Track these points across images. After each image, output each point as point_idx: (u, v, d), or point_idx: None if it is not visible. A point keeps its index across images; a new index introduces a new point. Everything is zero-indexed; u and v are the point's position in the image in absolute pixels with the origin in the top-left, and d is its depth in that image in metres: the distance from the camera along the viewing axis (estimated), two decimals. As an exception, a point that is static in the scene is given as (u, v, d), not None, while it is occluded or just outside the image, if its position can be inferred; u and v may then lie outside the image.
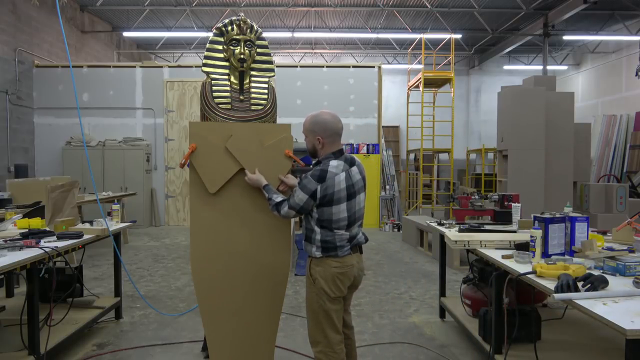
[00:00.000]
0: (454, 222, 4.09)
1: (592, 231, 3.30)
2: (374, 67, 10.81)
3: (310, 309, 2.58)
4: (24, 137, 10.09)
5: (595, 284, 2.20)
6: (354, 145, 10.42)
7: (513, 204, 4.04)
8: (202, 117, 3.45)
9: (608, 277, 2.47)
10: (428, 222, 4.90)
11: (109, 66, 10.92)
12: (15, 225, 3.80)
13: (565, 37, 14.38)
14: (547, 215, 2.98)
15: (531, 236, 2.84)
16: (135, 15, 13.37)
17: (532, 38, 14.20)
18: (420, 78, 11.96)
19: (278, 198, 2.59)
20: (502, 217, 4.12)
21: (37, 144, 10.48)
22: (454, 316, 3.96)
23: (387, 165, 11.37)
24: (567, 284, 2.14)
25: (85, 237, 3.63)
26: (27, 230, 3.56)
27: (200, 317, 2.80)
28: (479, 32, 14.38)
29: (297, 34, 14.53)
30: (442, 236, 3.87)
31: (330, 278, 2.50)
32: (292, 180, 2.78)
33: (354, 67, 10.98)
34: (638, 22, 13.13)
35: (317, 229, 2.51)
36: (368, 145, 10.44)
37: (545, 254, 2.86)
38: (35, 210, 4.47)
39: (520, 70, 17.01)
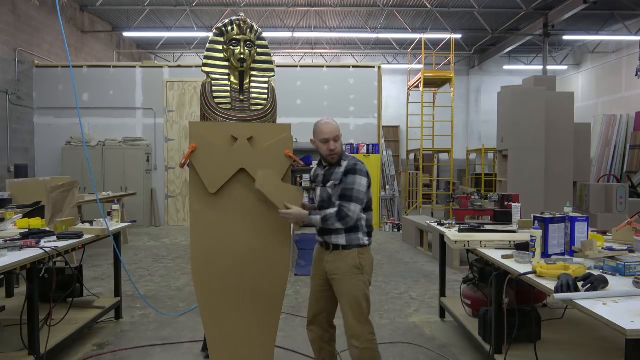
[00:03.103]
0: (454, 222, 4.09)
1: (592, 231, 3.30)
2: (374, 67, 10.81)
3: (355, 301, 2.59)
4: (24, 137, 10.09)
5: (596, 284, 2.20)
6: (354, 145, 10.41)
7: (513, 204, 4.04)
8: (202, 117, 3.45)
9: (608, 277, 2.47)
10: (428, 222, 4.90)
11: (109, 66, 10.92)
12: (15, 225, 3.80)
13: (565, 37, 14.39)
14: (547, 215, 2.98)
15: (531, 236, 2.84)
16: (135, 15, 13.37)
17: (532, 38, 14.20)
18: (420, 78, 11.96)
19: (330, 210, 2.59)
20: (502, 217, 4.12)
21: (37, 144, 10.49)
22: (454, 316, 3.96)
23: (387, 165, 11.37)
24: (567, 284, 2.14)
25: (85, 237, 3.63)
26: (27, 230, 3.56)
27: (200, 317, 2.80)
28: (479, 32, 14.39)
29: (297, 34, 14.54)
30: (442, 236, 3.87)
31: (372, 265, 2.71)
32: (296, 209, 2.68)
33: (354, 67, 10.98)
34: (638, 22, 13.13)
35: (362, 215, 2.64)
36: (368, 145, 10.44)
37: (545, 254, 2.85)
38: (35, 210, 4.47)
39: (520, 70, 17.02)
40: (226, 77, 3.45)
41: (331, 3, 12.65)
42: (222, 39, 3.47)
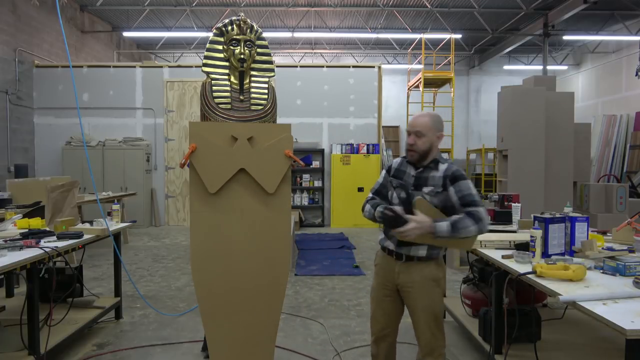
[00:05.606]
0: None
1: (592, 231, 3.30)
2: (374, 67, 10.81)
3: (433, 316, 2.43)
4: (24, 137, 10.09)
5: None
6: (354, 145, 10.41)
7: (513, 204, 4.04)
8: (202, 117, 3.45)
9: (608, 277, 2.47)
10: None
11: (109, 66, 10.92)
12: (15, 225, 3.80)
13: (565, 37, 14.39)
14: (547, 215, 2.98)
15: (531, 236, 2.84)
16: (135, 15, 13.37)
17: (532, 38, 14.20)
18: (420, 78, 11.97)
19: (459, 215, 2.31)
20: (502, 217, 4.12)
21: (37, 144, 10.48)
22: (454, 316, 3.96)
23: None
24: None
25: (85, 237, 3.63)
26: (27, 230, 3.56)
27: (200, 317, 2.80)
28: (479, 32, 14.39)
29: (297, 34, 14.54)
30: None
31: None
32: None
33: (354, 67, 10.98)
34: (638, 22, 13.13)
35: None
36: (368, 145, 10.44)
37: (545, 254, 2.85)
38: (35, 210, 4.47)
39: (520, 70, 17.03)
40: (226, 77, 3.45)
41: (331, 3, 12.65)
42: (222, 39, 3.47)
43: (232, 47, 3.40)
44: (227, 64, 3.46)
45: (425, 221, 2.26)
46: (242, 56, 3.37)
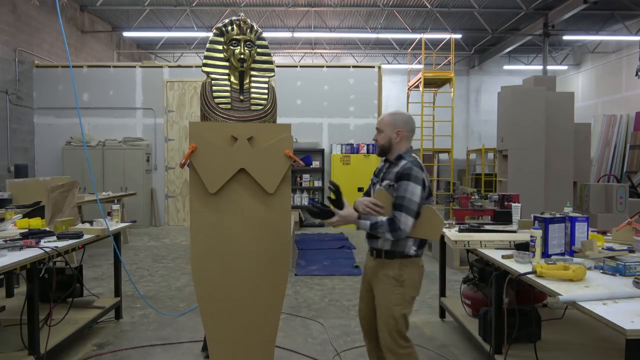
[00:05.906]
0: (454, 222, 4.08)
1: (592, 231, 3.30)
2: (374, 67, 10.81)
3: (389, 314, 2.43)
4: (24, 137, 10.09)
5: None
6: (354, 145, 10.42)
7: (513, 204, 4.04)
8: (202, 117, 3.45)
9: (608, 277, 2.47)
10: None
11: (109, 66, 10.92)
12: (15, 225, 3.80)
13: (565, 37, 14.39)
14: (547, 215, 2.98)
15: (531, 236, 2.84)
16: (135, 15, 13.37)
17: (532, 38, 14.20)
18: (420, 78, 11.96)
19: (382, 217, 2.40)
20: (502, 217, 4.12)
21: (37, 144, 10.49)
22: (454, 316, 3.96)
23: (387, 165, 11.37)
24: None
25: (85, 237, 3.63)
26: (27, 230, 3.56)
27: (200, 317, 2.80)
28: (479, 32, 14.39)
29: (297, 34, 14.54)
30: (442, 236, 3.86)
31: (419, 279, 2.50)
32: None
33: (354, 67, 10.98)
34: (638, 22, 13.13)
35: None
36: (368, 145, 10.44)
37: (545, 254, 2.85)
38: (35, 210, 4.47)
39: (520, 70, 17.02)
40: (226, 77, 3.45)
41: (331, 3, 12.65)
42: (222, 39, 3.47)
43: (232, 47, 3.40)
44: (227, 64, 3.46)
45: (350, 216, 2.49)
46: (242, 56, 3.37)
